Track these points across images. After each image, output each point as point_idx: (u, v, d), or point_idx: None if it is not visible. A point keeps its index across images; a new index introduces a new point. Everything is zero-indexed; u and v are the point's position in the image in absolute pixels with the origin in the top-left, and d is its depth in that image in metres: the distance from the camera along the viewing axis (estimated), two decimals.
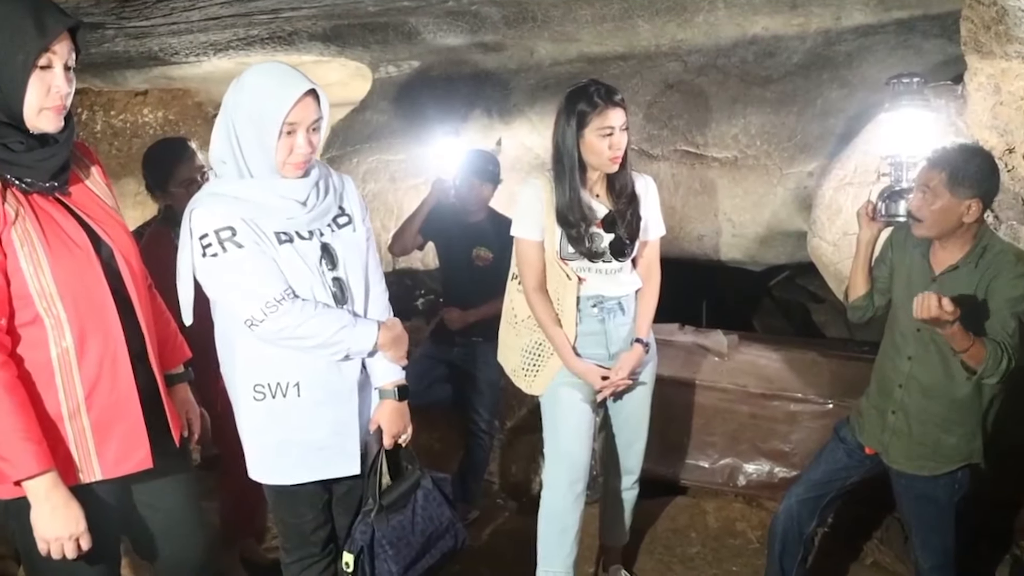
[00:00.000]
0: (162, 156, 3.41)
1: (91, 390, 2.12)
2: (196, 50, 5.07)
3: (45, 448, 2.02)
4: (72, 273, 2.09)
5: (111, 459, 2.17)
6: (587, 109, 3.04)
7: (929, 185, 2.76)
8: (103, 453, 2.16)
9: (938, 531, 3.02)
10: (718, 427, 4.48)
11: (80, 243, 2.12)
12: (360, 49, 5.45)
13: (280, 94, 2.26)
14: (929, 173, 2.77)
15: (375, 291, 2.59)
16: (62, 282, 2.06)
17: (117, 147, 7.03)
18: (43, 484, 2.01)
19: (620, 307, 3.24)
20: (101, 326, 2.13)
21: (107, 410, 2.15)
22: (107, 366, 2.14)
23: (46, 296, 2.05)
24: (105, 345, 2.14)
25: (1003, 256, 2.79)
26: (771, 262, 5.18)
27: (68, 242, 2.10)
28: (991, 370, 2.65)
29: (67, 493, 2.05)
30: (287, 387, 2.42)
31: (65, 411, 2.11)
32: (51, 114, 2.04)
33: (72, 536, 2.06)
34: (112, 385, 2.15)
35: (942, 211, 2.75)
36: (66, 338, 2.08)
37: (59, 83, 2.02)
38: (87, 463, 2.14)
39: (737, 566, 3.92)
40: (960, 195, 2.71)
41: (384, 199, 6.10)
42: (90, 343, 2.11)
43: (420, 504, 2.67)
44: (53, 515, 2.03)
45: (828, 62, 4.65)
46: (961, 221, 2.76)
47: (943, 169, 2.73)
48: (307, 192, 2.38)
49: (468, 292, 4.37)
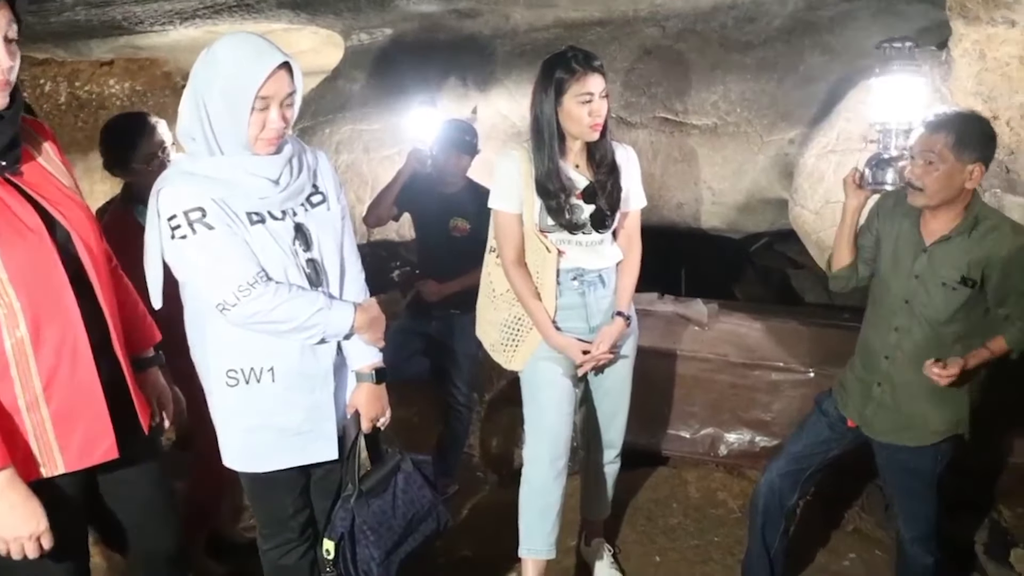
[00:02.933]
0: (121, 132, 3.28)
1: (49, 380, 2.04)
2: (161, 19, 4.94)
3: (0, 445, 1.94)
4: (24, 258, 1.98)
5: (74, 451, 2.10)
6: (565, 76, 2.97)
7: (934, 150, 2.69)
8: (65, 445, 2.08)
9: (922, 501, 3.02)
10: (699, 397, 4.48)
11: (33, 226, 2.01)
12: (331, 17, 5.33)
13: (252, 67, 2.17)
14: (932, 138, 2.70)
15: (351, 272, 2.52)
16: (13, 268, 1.96)
17: (83, 119, 6.89)
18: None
19: (601, 280, 3.19)
20: (58, 313, 2.04)
21: (68, 400, 2.07)
22: (66, 355, 2.05)
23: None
24: (63, 333, 2.05)
25: (1001, 229, 2.76)
26: (751, 230, 5.16)
27: (19, 226, 1.99)
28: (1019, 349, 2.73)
29: (25, 490, 1.97)
30: (261, 372, 2.35)
31: (23, 403, 2.01)
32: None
33: (32, 535, 1.98)
34: (72, 374, 2.07)
35: (946, 176, 2.70)
36: (20, 327, 1.98)
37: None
38: (48, 456, 2.06)
39: (719, 536, 3.92)
40: (965, 159, 2.67)
41: (358, 170, 6.02)
42: (46, 332, 2.02)
43: (401, 487, 2.62)
44: (11, 514, 1.95)
45: (810, 27, 4.58)
46: (963, 187, 2.72)
47: (949, 133, 2.67)
48: (280, 170, 2.30)
49: (445, 264, 4.31)
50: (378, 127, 5.93)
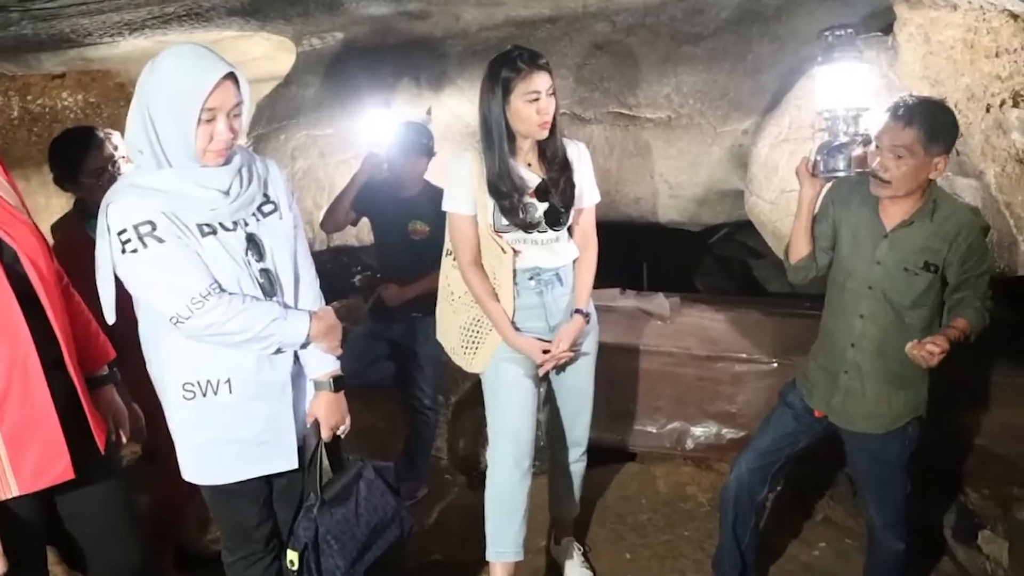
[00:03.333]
0: (68, 147, 3.25)
1: (1, 402, 2.03)
2: (110, 30, 4.89)
3: None
4: None
5: (28, 473, 2.09)
6: (511, 75, 2.96)
7: (905, 144, 2.69)
8: (19, 467, 2.07)
9: (891, 487, 3.03)
10: (664, 391, 4.48)
11: None
12: (281, 23, 5.30)
13: (197, 79, 2.16)
14: (903, 132, 2.70)
15: (305, 280, 2.51)
16: None
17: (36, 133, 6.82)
18: None
19: (558, 278, 3.18)
20: (8, 334, 2.04)
21: (21, 423, 2.07)
22: (17, 376, 2.05)
23: None
24: (14, 354, 2.05)
25: (959, 213, 2.78)
26: (709, 222, 5.17)
27: None
28: (979, 330, 2.74)
29: None
30: (217, 384, 2.33)
31: None
32: None
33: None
34: (24, 396, 2.07)
35: (914, 170, 2.71)
36: None
37: None
38: (2, 479, 2.06)
39: (689, 530, 3.92)
40: (933, 152, 2.69)
41: (315, 175, 5.98)
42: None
43: (363, 495, 2.61)
44: None
45: (757, 16, 4.59)
46: (927, 179, 2.74)
47: (920, 127, 2.67)
48: (230, 181, 2.28)
49: (405, 267, 4.28)
50: (333, 132, 5.90)
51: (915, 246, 2.77)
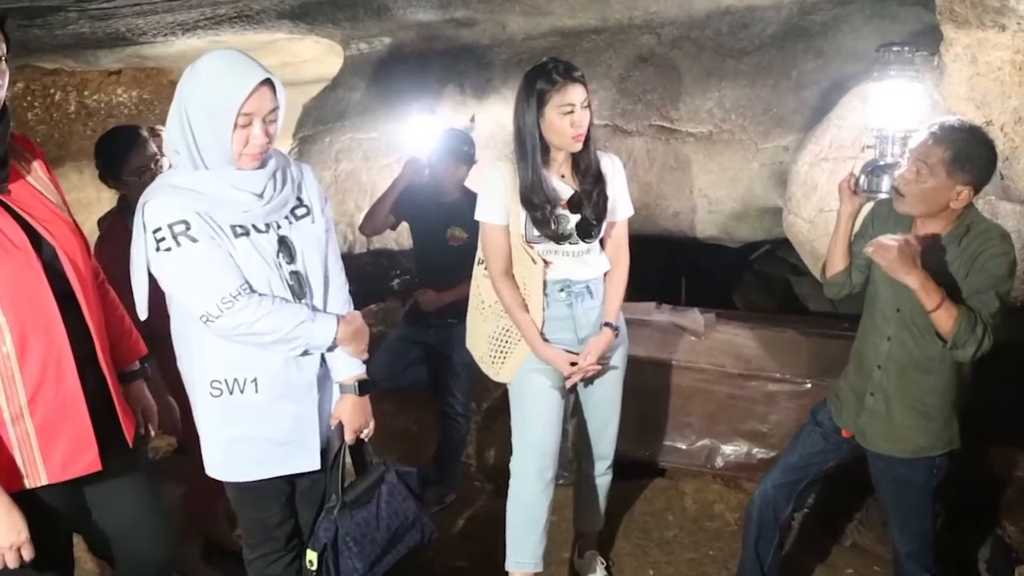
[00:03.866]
0: (113, 145, 3.34)
1: (34, 393, 2.07)
2: (164, 30, 4.97)
3: None
4: (10, 275, 2.02)
5: (58, 463, 2.13)
6: (546, 87, 2.98)
7: (927, 162, 2.62)
8: (49, 457, 2.11)
9: (916, 516, 2.98)
10: (695, 408, 4.45)
11: (19, 243, 2.05)
12: (330, 26, 5.35)
13: (235, 84, 2.19)
14: (930, 149, 2.63)
15: (334, 284, 2.54)
16: (1, 284, 2.00)
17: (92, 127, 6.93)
18: None
19: (588, 291, 3.19)
20: (43, 328, 2.07)
21: (52, 413, 2.10)
22: (51, 369, 2.09)
23: None
24: (48, 347, 2.08)
25: (987, 234, 2.70)
26: (748, 238, 5.14)
27: (5, 243, 2.03)
28: (964, 336, 2.57)
29: (7, 502, 2.01)
30: (244, 383, 2.37)
31: (7, 416, 2.05)
32: None
33: (13, 546, 2.01)
34: (57, 388, 2.10)
35: (931, 191, 2.64)
36: (6, 342, 2.02)
37: None
38: (32, 468, 2.10)
39: (715, 549, 3.89)
40: (956, 179, 2.60)
41: (357, 178, 6.03)
42: (32, 346, 2.05)
43: (385, 499, 2.62)
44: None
45: (803, 33, 4.56)
46: (947, 205, 2.66)
47: (947, 148, 2.60)
48: (264, 184, 2.32)
49: (442, 273, 4.31)
50: (377, 135, 5.94)
51: (941, 270, 2.72)
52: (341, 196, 6.04)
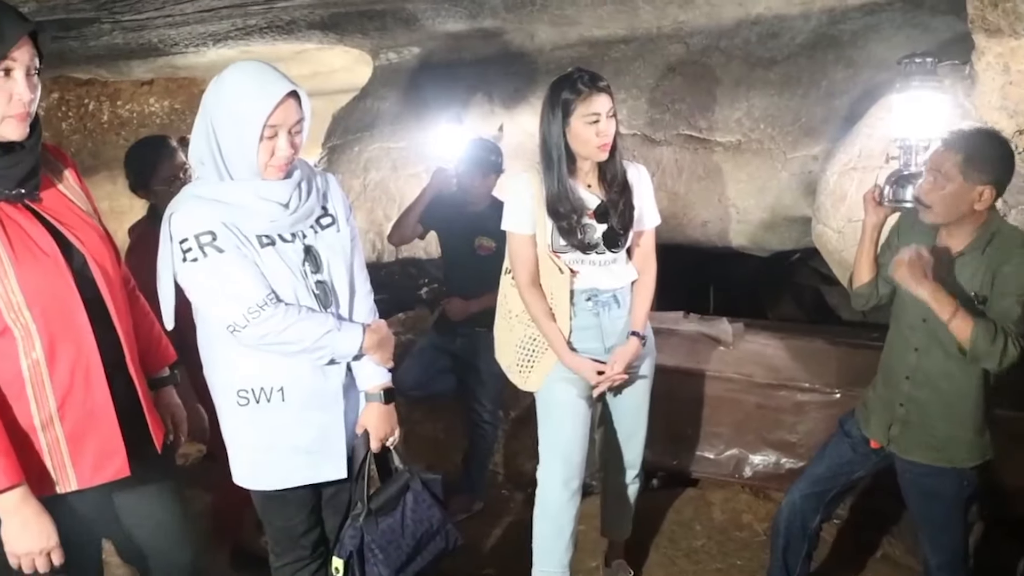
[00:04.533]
0: (143, 154, 3.40)
1: (64, 400, 2.09)
2: (195, 41, 5.03)
3: (14, 461, 1.99)
4: (40, 282, 2.05)
5: (87, 469, 2.15)
6: (571, 97, 2.99)
7: (941, 169, 2.66)
8: (79, 463, 2.13)
9: (946, 528, 2.96)
10: (724, 417, 4.44)
11: (48, 251, 2.07)
12: (359, 36, 5.39)
13: (260, 96, 2.21)
14: (943, 155, 2.67)
15: (360, 293, 2.55)
16: (30, 291, 2.02)
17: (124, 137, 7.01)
18: (12, 499, 1.99)
19: (615, 300, 3.20)
20: (72, 335, 2.10)
21: (81, 420, 2.12)
22: (80, 376, 2.11)
23: (13, 306, 2.01)
24: (77, 354, 2.10)
25: (1011, 241, 2.70)
26: (777, 248, 5.11)
27: (35, 250, 2.06)
28: (983, 348, 2.57)
29: (38, 507, 2.03)
30: (271, 392, 2.39)
31: (38, 422, 2.07)
32: (15, 122, 1.99)
33: (43, 551, 2.04)
34: (86, 395, 2.12)
35: (952, 196, 2.66)
36: (36, 349, 2.04)
37: (20, 90, 1.97)
38: (62, 474, 2.12)
39: (743, 559, 3.88)
40: (973, 180, 2.62)
41: (386, 187, 6.07)
42: (61, 353, 2.08)
43: (410, 506, 2.63)
44: (23, 530, 2.02)
45: (833, 42, 4.54)
46: (972, 208, 2.67)
47: (959, 152, 2.63)
48: (289, 194, 2.33)
49: (470, 282, 4.34)
50: (405, 145, 5.98)
51: (966, 278, 2.70)
52: (370, 205, 6.07)
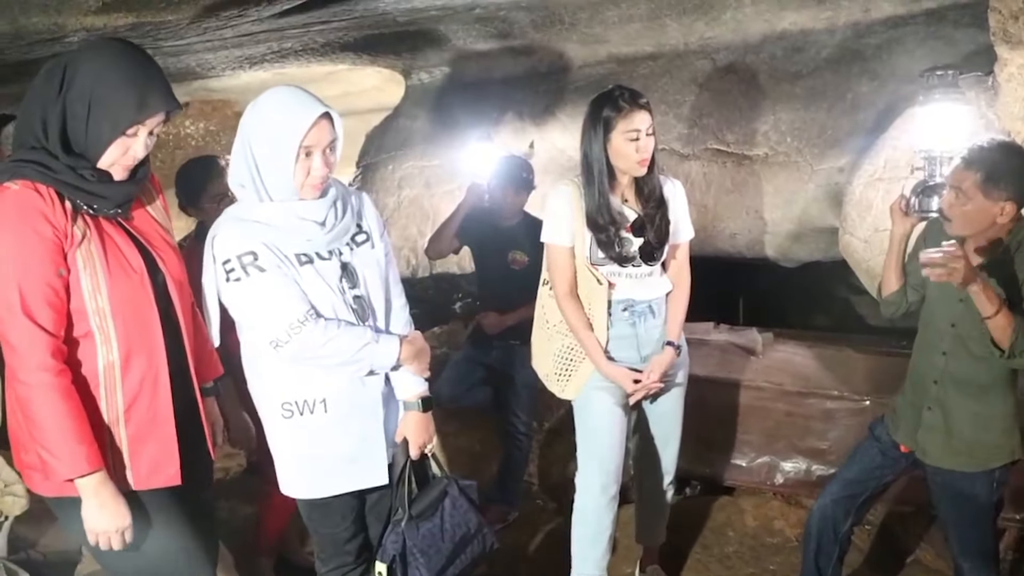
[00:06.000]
0: (193, 173, 3.51)
1: (131, 404, 2.23)
2: (232, 64, 5.15)
3: (96, 449, 2.14)
4: (126, 295, 2.20)
5: (143, 472, 2.27)
6: (612, 114, 3.07)
7: (962, 186, 2.69)
8: (136, 465, 2.26)
9: (976, 530, 2.98)
10: (754, 425, 4.47)
11: (137, 268, 2.23)
12: (392, 57, 5.50)
13: (296, 119, 2.31)
14: (963, 173, 2.70)
15: (395, 305, 2.63)
16: (116, 302, 2.17)
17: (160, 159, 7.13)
18: (93, 482, 2.13)
19: (651, 310, 3.26)
20: (146, 345, 2.24)
21: (144, 425, 2.25)
22: (148, 384, 2.25)
23: (100, 313, 2.16)
24: (148, 364, 2.25)
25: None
26: (804, 259, 5.14)
27: (126, 266, 2.22)
28: (1022, 344, 2.61)
29: (114, 490, 2.17)
30: (314, 404, 2.46)
31: (106, 420, 2.22)
32: (119, 168, 2.19)
33: (119, 529, 2.18)
34: (151, 402, 2.26)
35: (974, 212, 2.70)
36: (113, 352, 2.19)
37: (138, 149, 2.18)
38: (120, 473, 2.24)
39: (775, 564, 3.91)
40: (994, 197, 2.65)
41: (420, 204, 6.14)
42: (134, 360, 2.22)
43: (448, 511, 2.70)
44: (102, 509, 2.16)
45: (858, 55, 4.60)
46: (994, 222, 2.71)
47: (978, 170, 2.66)
48: (325, 213, 2.42)
49: (504, 295, 4.41)
50: (438, 163, 6.05)
51: (994, 286, 2.75)
52: (404, 222, 6.16)
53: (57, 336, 2.11)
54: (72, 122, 2.12)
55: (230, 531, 4.09)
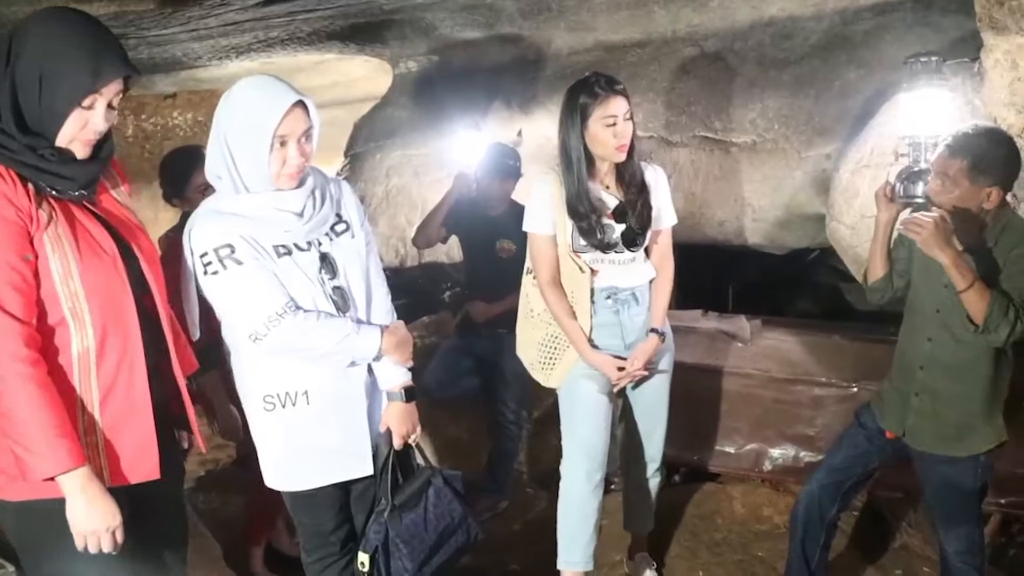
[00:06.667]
0: (178, 163, 3.50)
1: (107, 393, 2.11)
2: (218, 54, 5.14)
3: (78, 443, 2.02)
4: (99, 277, 2.09)
5: (120, 466, 2.16)
6: (588, 100, 3.07)
7: (948, 173, 2.72)
8: (112, 459, 2.14)
9: (963, 515, 3.01)
10: (743, 413, 4.48)
11: (108, 250, 2.13)
12: (379, 46, 5.49)
13: (268, 107, 2.29)
14: (949, 161, 2.73)
15: (377, 295, 2.61)
16: (89, 284, 2.06)
17: (149, 150, 7.14)
18: (78, 478, 2.01)
19: (634, 297, 3.26)
20: (121, 330, 2.13)
21: (120, 416, 2.14)
22: (124, 371, 2.14)
23: (73, 297, 2.05)
24: (124, 349, 2.13)
25: (1020, 230, 2.76)
26: (792, 246, 5.14)
27: (97, 248, 2.11)
28: (996, 319, 2.63)
29: (101, 486, 2.05)
30: (296, 396, 2.46)
31: (80, 412, 2.09)
32: (80, 144, 2.07)
33: (109, 528, 2.05)
34: (128, 391, 2.15)
35: (960, 199, 2.73)
36: (88, 338, 2.07)
37: (97, 121, 2.05)
38: (96, 468, 2.10)
39: (763, 551, 3.91)
40: (980, 183, 2.69)
41: (408, 193, 6.13)
42: (109, 345, 2.11)
43: (432, 502, 2.70)
44: (90, 508, 2.03)
45: (845, 42, 4.60)
46: (981, 208, 2.74)
47: (964, 157, 2.69)
48: (303, 203, 2.41)
49: (492, 284, 4.40)
50: (426, 152, 6.04)
51: (977, 269, 2.76)
52: (393, 211, 6.15)
53: (28, 323, 1.98)
54: (24, 98, 2.00)
55: (220, 522, 4.10)
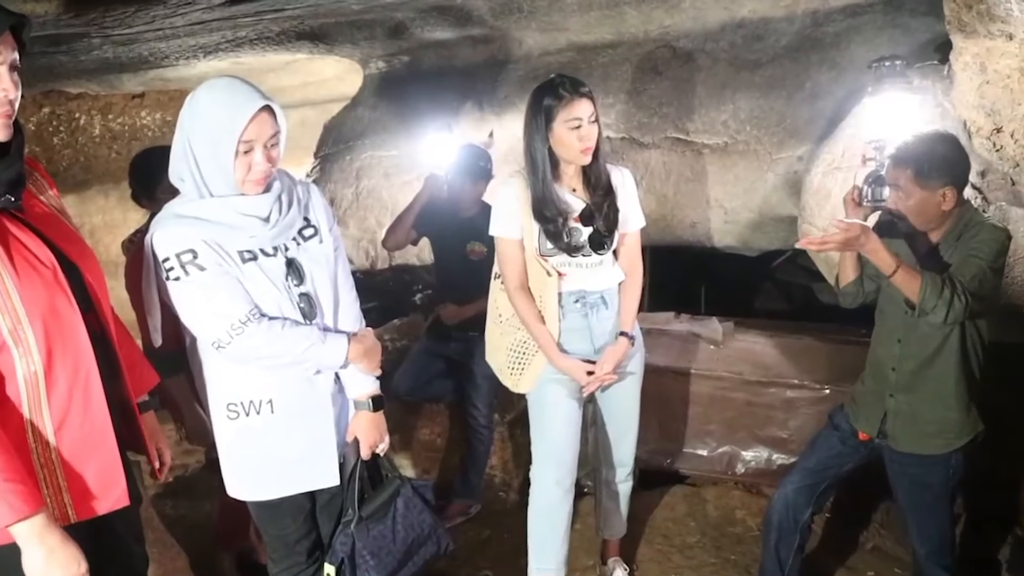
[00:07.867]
0: (148, 163, 3.42)
1: (61, 422, 1.95)
2: (186, 53, 5.07)
3: (33, 487, 1.85)
4: (39, 293, 1.91)
5: (86, 499, 2.00)
6: (553, 103, 3.04)
7: (899, 183, 2.80)
8: (77, 492, 1.98)
9: (933, 516, 3.04)
10: (715, 415, 4.49)
11: (47, 262, 1.95)
12: (349, 46, 5.44)
13: (233, 112, 2.23)
14: (895, 172, 2.82)
15: (345, 302, 2.57)
16: (29, 302, 1.88)
17: (116, 150, 7.05)
18: (35, 526, 1.83)
19: (603, 301, 3.24)
20: (71, 351, 1.96)
21: (79, 444, 1.98)
22: (78, 395, 1.97)
23: (12, 317, 1.86)
24: (75, 371, 1.97)
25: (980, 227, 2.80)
26: (764, 247, 5.15)
27: (34, 261, 1.93)
28: (931, 300, 2.66)
29: (62, 533, 1.88)
30: (260, 404, 2.42)
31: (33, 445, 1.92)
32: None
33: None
34: (85, 416, 1.98)
35: (918, 205, 2.79)
36: (34, 362, 1.89)
37: (6, 85, 1.87)
38: (58, 503, 1.96)
39: (736, 554, 3.92)
40: (931, 187, 2.75)
41: (378, 195, 6.09)
42: (59, 369, 1.93)
43: (400, 512, 2.67)
44: (50, 559, 1.85)
45: (817, 44, 4.60)
46: (940, 210, 2.78)
47: (907, 166, 2.77)
48: (269, 208, 2.35)
49: (463, 286, 4.37)
50: (397, 153, 6.00)
51: (941, 269, 2.78)
52: (363, 213, 6.11)
53: None
54: None
55: (189, 528, 4.07)
